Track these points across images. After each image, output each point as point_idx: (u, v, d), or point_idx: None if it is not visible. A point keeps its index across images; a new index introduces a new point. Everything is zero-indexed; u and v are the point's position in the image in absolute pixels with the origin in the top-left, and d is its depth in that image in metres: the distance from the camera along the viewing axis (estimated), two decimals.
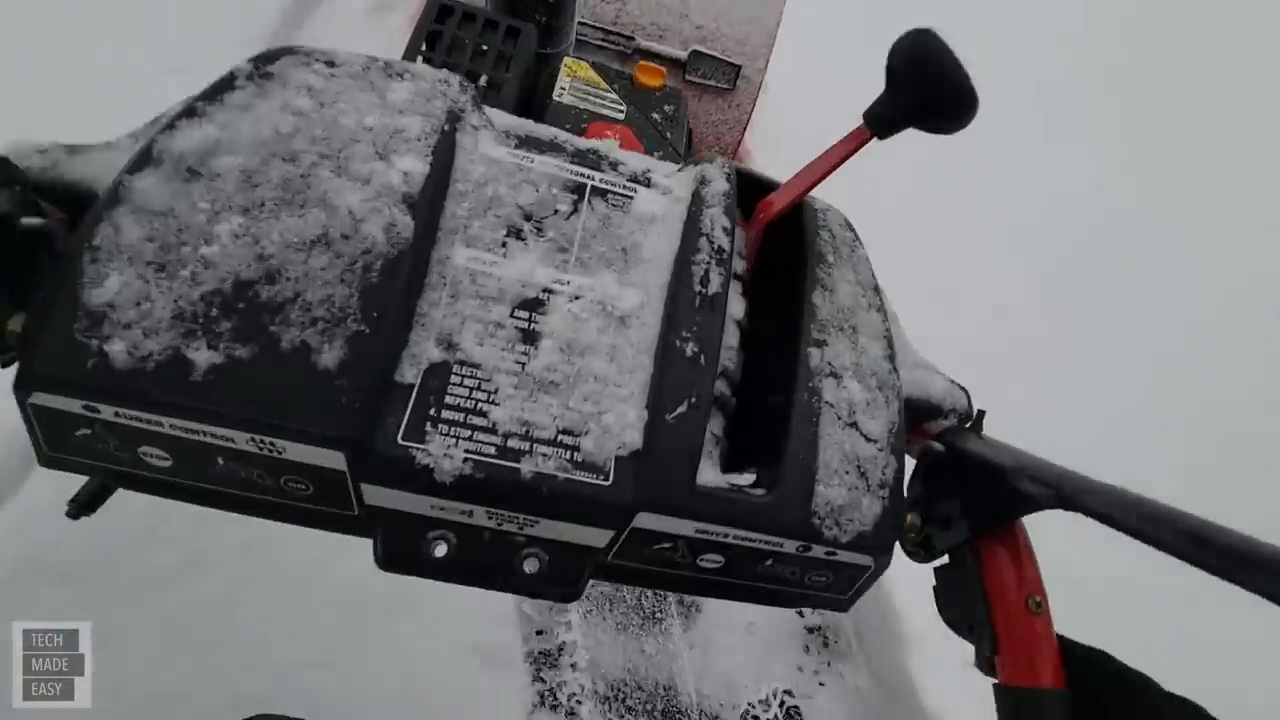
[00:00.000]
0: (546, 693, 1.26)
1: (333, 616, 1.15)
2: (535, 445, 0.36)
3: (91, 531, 1.12)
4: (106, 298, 0.31)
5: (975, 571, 0.40)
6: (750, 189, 0.44)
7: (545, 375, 0.37)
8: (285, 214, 0.34)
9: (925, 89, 0.35)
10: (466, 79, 0.42)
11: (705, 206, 0.41)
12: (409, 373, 0.35)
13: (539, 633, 1.33)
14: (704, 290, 0.39)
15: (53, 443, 0.34)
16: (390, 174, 0.36)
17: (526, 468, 0.35)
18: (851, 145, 0.39)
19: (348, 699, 1.09)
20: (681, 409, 0.37)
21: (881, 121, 0.37)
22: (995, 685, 0.38)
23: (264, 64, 0.39)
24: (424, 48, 0.89)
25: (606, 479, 0.36)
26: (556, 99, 0.96)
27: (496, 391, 0.36)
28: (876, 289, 0.44)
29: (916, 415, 0.45)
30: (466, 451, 0.35)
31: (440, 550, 0.38)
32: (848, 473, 0.39)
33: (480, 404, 0.36)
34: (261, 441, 0.33)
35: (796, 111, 1.94)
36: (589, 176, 0.41)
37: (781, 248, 0.44)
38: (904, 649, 1.37)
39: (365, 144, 0.37)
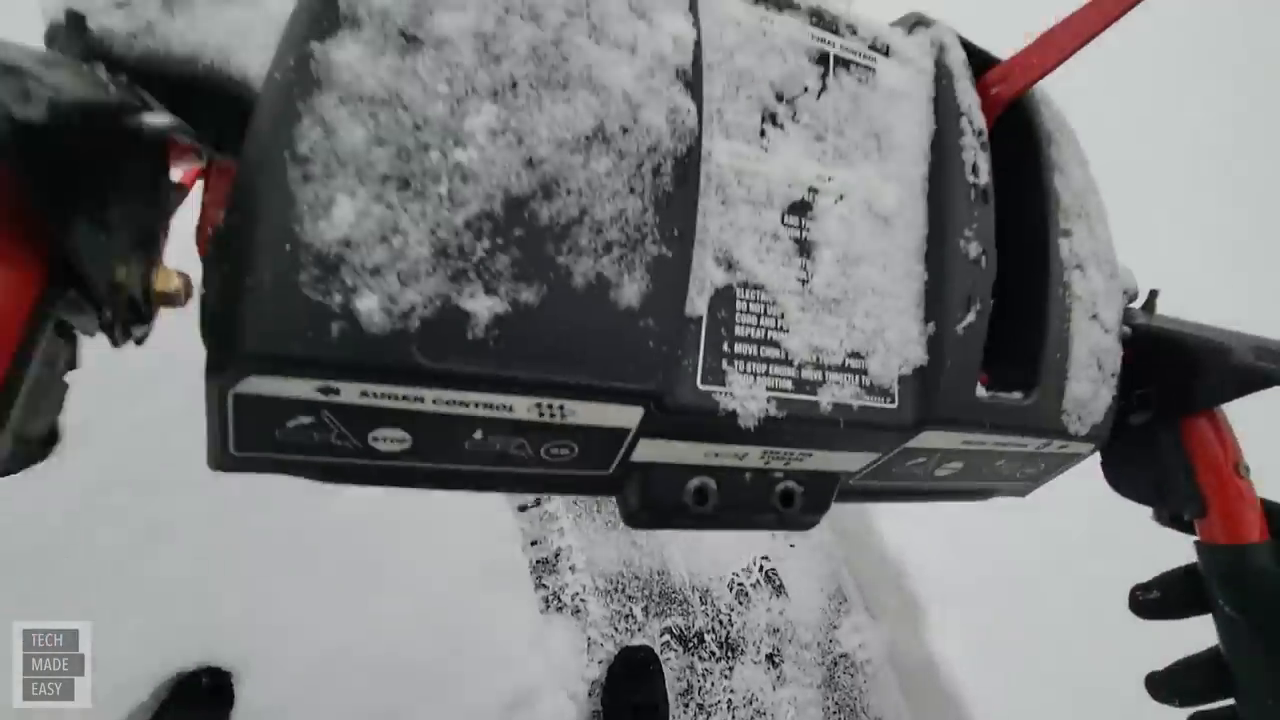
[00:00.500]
0: (550, 597, 1.28)
1: (331, 568, 1.06)
2: (828, 373, 0.31)
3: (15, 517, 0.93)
4: (341, 232, 0.22)
5: (1176, 444, 0.42)
6: (974, 55, 0.38)
7: (827, 292, 0.32)
8: (548, 99, 0.25)
9: None
10: None
11: (954, 79, 0.35)
12: (698, 301, 0.29)
13: (534, 543, 1.32)
14: (975, 181, 0.34)
15: (250, 439, 0.25)
16: (658, 39, 0.27)
17: (825, 399, 0.31)
18: (1105, 17, 0.34)
19: (364, 641, 1.04)
20: (970, 318, 0.33)
21: None
22: (1200, 545, 0.41)
23: None
24: None
25: (893, 401, 0.33)
26: None
27: (784, 315, 0.31)
28: (1086, 163, 0.42)
29: None
30: (768, 390, 0.30)
31: (704, 500, 0.33)
32: (1090, 366, 0.38)
33: (770, 332, 0.30)
34: (547, 406, 0.26)
35: None
36: (830, 43, 0.34)
37: (1003, 123, 0.39)
38: (861, 505, 1.52)
39: None
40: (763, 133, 0.31)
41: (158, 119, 0.22)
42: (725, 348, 0.29)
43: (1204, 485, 0.41)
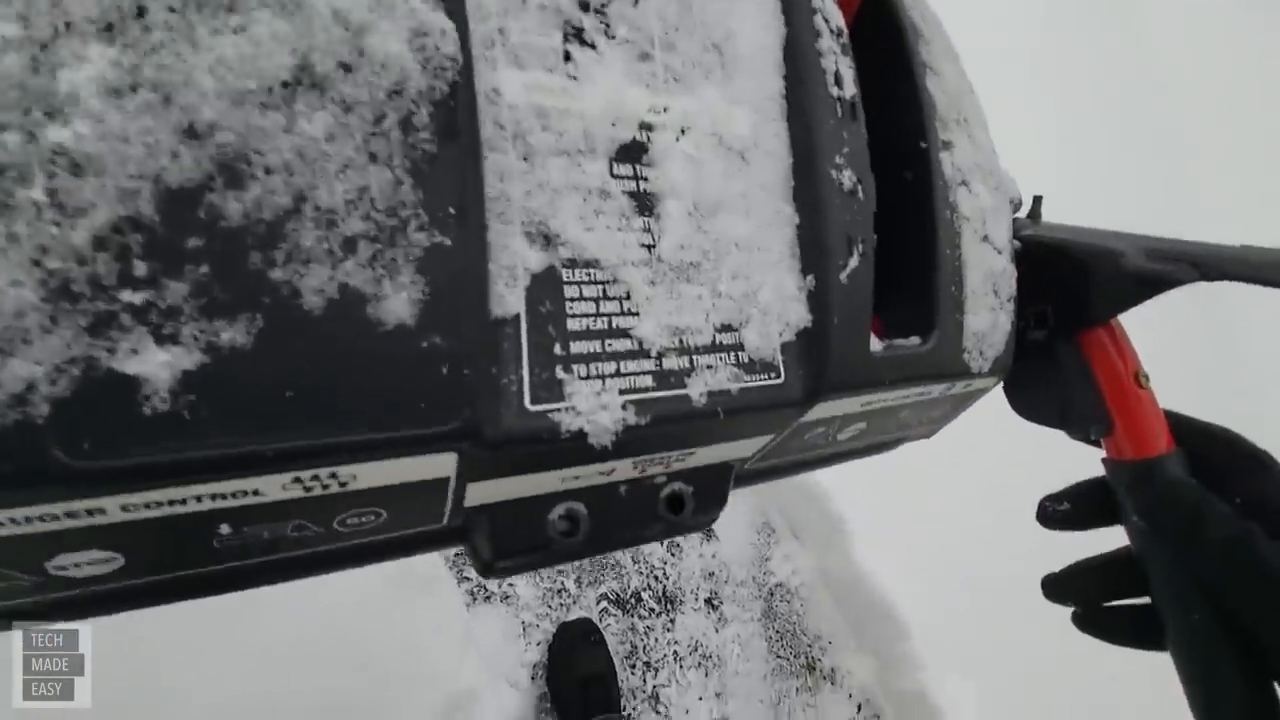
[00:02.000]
0: (475, 589, 1.21)
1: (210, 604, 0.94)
2: (695, 357, 0.25)
3: None
4: None
5: (1076, 359, 0.39)
6: None
7: (681, 256, 0.25)
8: (204, 29, 0.16)
9: None
10: None
11: None
12: (508, 297, 0.21)
13: None
14: (840, 93, 0.28)
15: None
16: None
17: (696, 390, 0.25)
18: None
19: (263, 680, 0.93)
20: (853, 262, 0.28)
21: None
22: (1108, 462, 0.39)
23: None
24: None
25: (778, 375, 0.27)
26: None
27: (630, 295, 0.24)
28: (958, 58, 0.37)
29: None
30: (622, 393, 0.23)
31: (575, 528, 0.27)
32: (987, 294, 0.34)
33: (614, 319, 0.24)
34: (311, 478, 0.18)
35: None
36: None
37: (861, 20, 0.33)
38: None
39: None
40: (568, 56, 0.24)
41: None
42: (557, 350, 0.22)
43: (1108, 400, 0.39)
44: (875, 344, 0.30)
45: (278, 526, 0.20)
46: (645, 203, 0.25)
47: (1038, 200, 0.43)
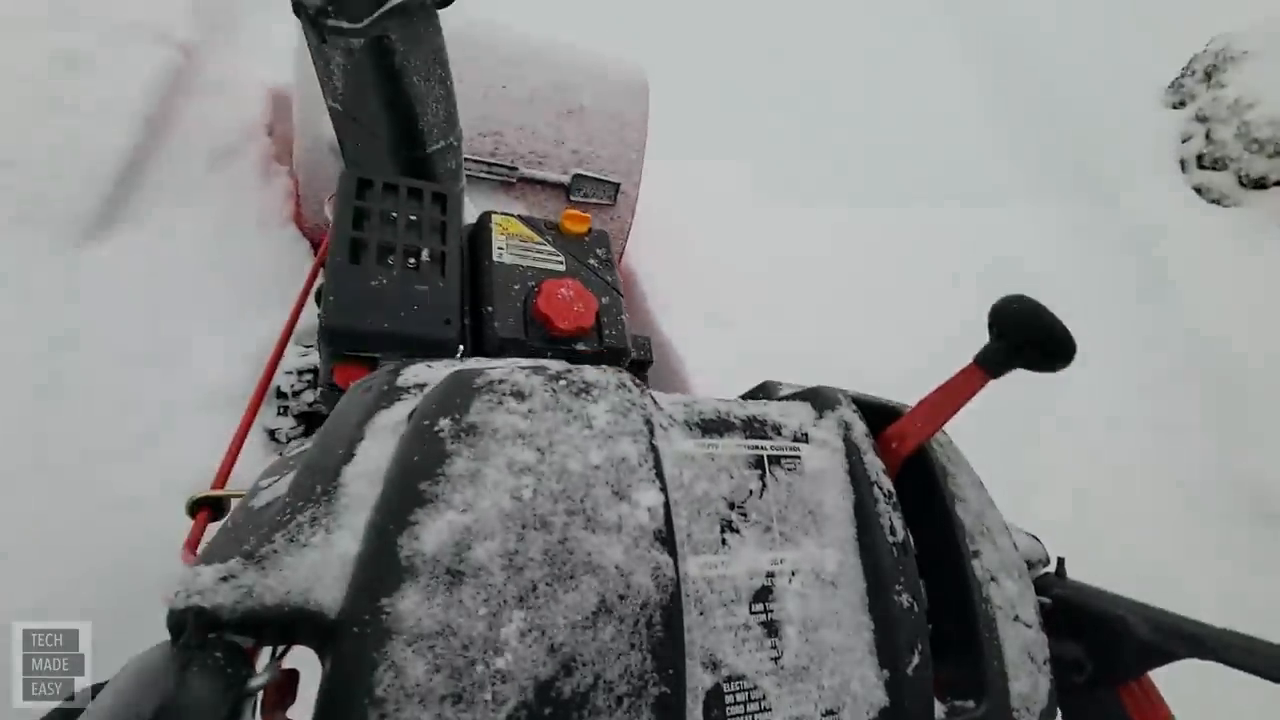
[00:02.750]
0: None
1: None
2: None
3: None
4: None
5: (1117, 708, 0.48)
6: (867, 413, 0.49)
7: (796, 662, 0.38)
8: (561, 591, 0.32)
9: (1030, 341, 0.42)
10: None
11: (861, 453, 0.45)
12: (694, 710, 0.34)
13: None
14: (894, 539, 0.43)
15: None
16: (637, 514, 0.35)
17: None
18: (971, 385, 0.46)
19: None
20: (915, 660, 0.40)
21: (992, 364, 0.44)
22: None
23: (457, 413, 0.36)
24: (353, 227, 0.82)
25: None
26: (497, 259, 0.94)
27: (765, 697, 0.37)
28: (980, 482, 0.51)
29: None
30: None
31: None
32: (1024, 662, 0.45)
33: (755, 716, 0.36)
34: None
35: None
36: (762, 447, 0.43)
37: (910, 463, 0.49)
38: None
39: (601, 486, 0.35)
40: (724, 541, 0.39)
41: (258, 680, 0.28)
42: None
43: None
44: (939, 709, 0.41)
45: None
46: (772, 628, 0.38)
47: (1061, 562, 0.54)
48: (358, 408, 0.40)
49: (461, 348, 0.82)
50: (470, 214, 1.04)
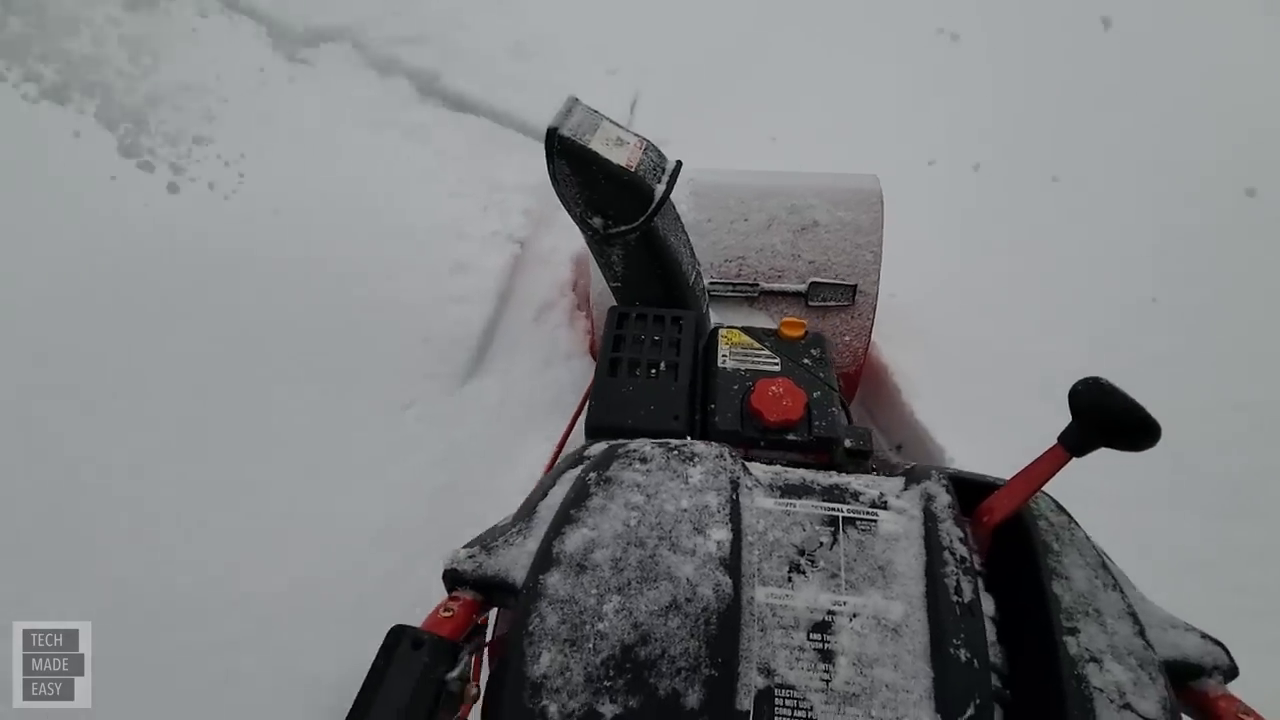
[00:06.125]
0: None
1: None
2: None
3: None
4: (542, 671, 0.45)
5: None
6: (967, 489, 0.54)
7: (846, 689, 0.46)
8: (646, 589, 0.48)
9: (1103, 424, 0.45)
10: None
11: (938, 521, 0.51)
12: (744, 701, 0.46)
13: None
14: (960, 599, 0.48)
15: None
16: (709, 544, 0.50)
17: None
18: (1054, 464, 0.49)
19: None
20: (970, 711, 0.44)
21: (1073, 445, 0.47)
22: None
23: (602, 469, 0.56)
24: (613, 349, 1.10)
25: None
26: (721, 366, 1.13)
27: (812, 709, 0.46)
28: (1105, 565, 0.51)
29: (1176, 675, 0.49)
30: None
31: None
32: None
33: None
34: None
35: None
36: (839, 509, 0.53)
37: (1008, 541, 0.52)
38: None
39: (685, 523, 0.51)
40: (790, 579, 0.50)
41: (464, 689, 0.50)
42: None
43: None
44: None
45: None
46: (826, 655, 0.47)
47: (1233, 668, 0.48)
48: (560, 466, 0.63)
49: (688, 438, 1.03)
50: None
